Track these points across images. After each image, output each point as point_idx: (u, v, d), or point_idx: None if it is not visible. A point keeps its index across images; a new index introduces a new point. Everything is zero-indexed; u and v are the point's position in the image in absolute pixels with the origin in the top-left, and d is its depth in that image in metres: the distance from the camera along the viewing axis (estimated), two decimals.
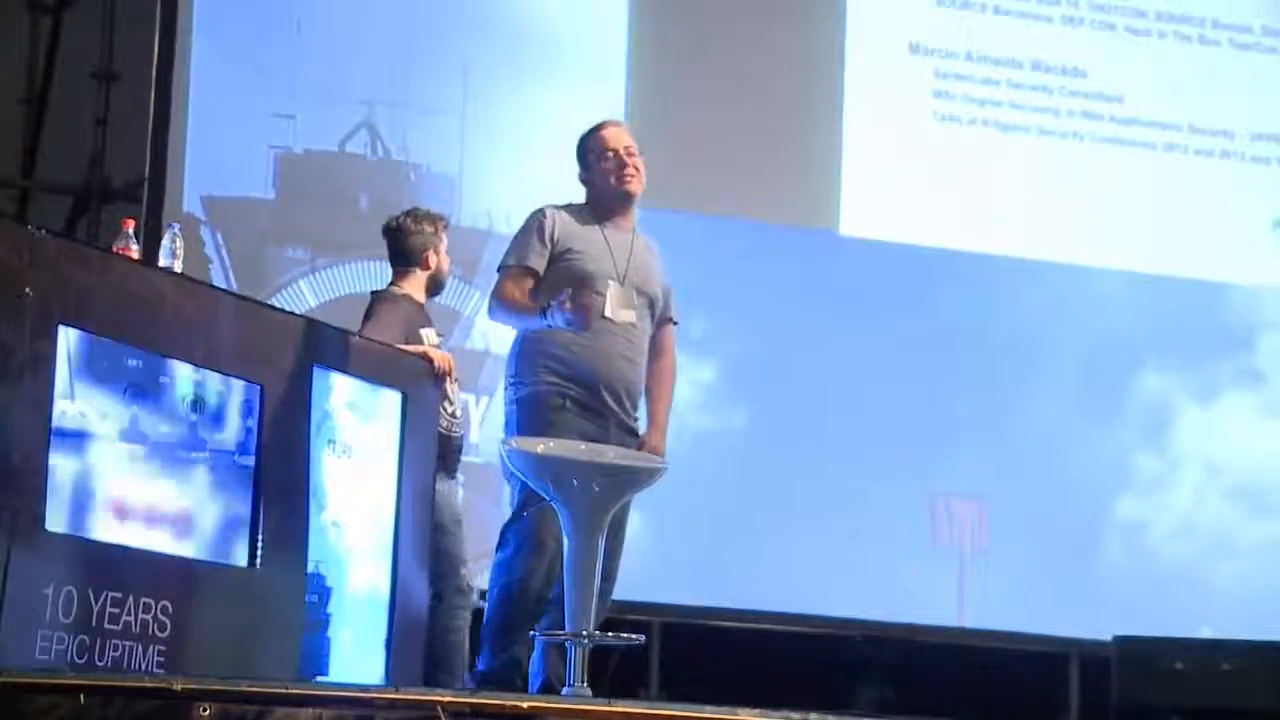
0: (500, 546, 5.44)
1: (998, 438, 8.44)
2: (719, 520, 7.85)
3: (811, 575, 8.13)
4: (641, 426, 5.58)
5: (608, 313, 5.45)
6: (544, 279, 5.47)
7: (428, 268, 6.07)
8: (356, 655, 5.28)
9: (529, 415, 5.40)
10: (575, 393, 5.40)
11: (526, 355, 5.47)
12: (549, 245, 5.49)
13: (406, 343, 5.78)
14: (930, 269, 8.47)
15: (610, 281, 5.47)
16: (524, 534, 5.35)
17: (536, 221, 5.55)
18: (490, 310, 5.64)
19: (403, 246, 6.12)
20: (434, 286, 6.10)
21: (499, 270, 5.59)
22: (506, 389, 5.53)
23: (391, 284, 6.12)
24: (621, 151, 5.61)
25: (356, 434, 5.36)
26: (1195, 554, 8.62)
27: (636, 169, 5.61)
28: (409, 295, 6.05)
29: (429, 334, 5.94)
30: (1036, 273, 8.60)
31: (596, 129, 5.71)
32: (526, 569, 5.32)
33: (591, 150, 5.65)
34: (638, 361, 5.51)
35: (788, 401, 8.18)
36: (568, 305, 5.21)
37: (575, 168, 5.70)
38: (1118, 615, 8.08)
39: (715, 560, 7.84)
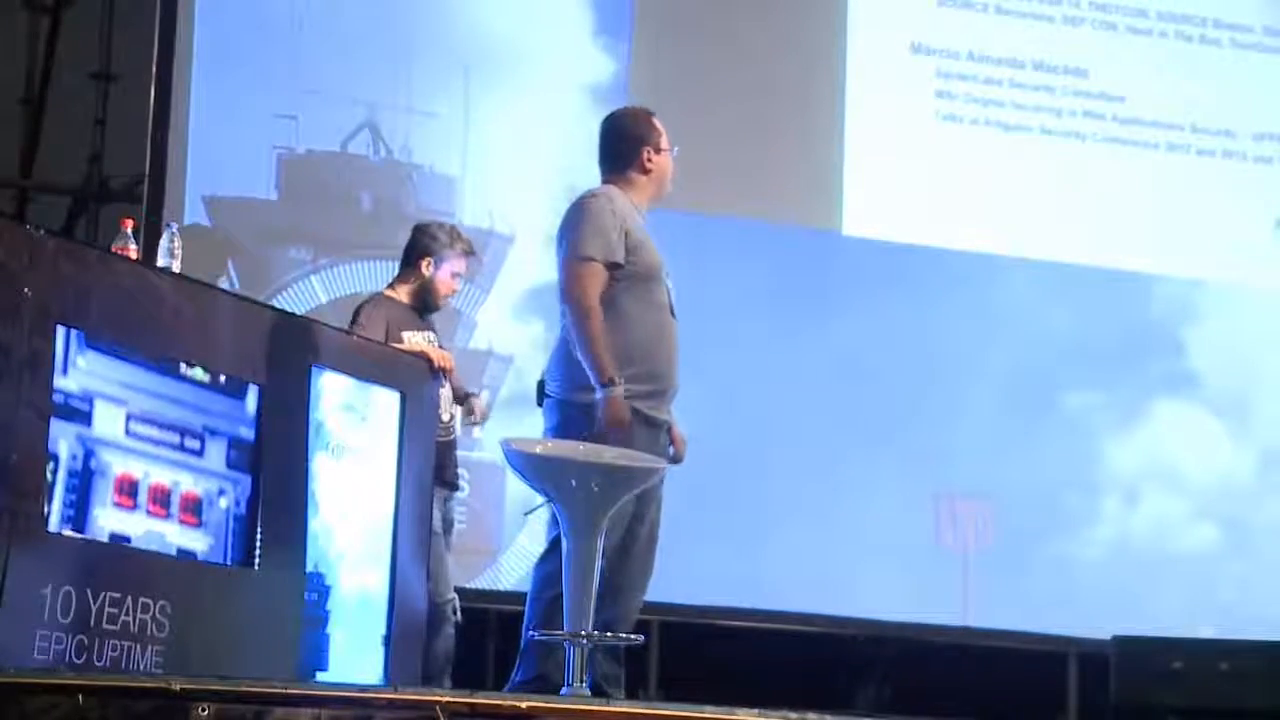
0: (545, 557, 5.25)
1: (1001, 438, 8.43)
2: (720, 519, 7.84)
3: (812, 575, 8.13)
4: None
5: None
6: (620, 273, 5.25)
7: (420, 274, 6.06)
8: (350, 658, 5.28)
9: (596, 427, 5.13)
10: (645, 402, 5.22)
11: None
12: (623, 236, 5.25)
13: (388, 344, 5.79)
14: (933, 269, 8.46)
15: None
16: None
17: (607, 210, 5.27)
18: (569, 304, 5.22)
19: (409, 247, 6.14)
20: (425, 298, 6.06)
21: (577, 259, 5.22)
22: (564, 388, 5.24)
23: (387, 286, 6.15)
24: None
25: (353, 435, 5.36)
26: (1198, 553, 8.62)
27: None
28: (395, 298, 6.05)
29: (411, 336, 5.92)
30: (1039, 272, 8.59)
31: (652, 114, 5.52)
32: None
33: (660, 134, 5.45)
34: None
35: (790, 401, 8.18)
36: (617, 423, 5.09)
37: (578, 168, 5.58)
38: (1117, 615, 8.08)
39: (715, 560, 7.83)
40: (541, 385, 5.36)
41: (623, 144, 5.48)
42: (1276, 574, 8.56)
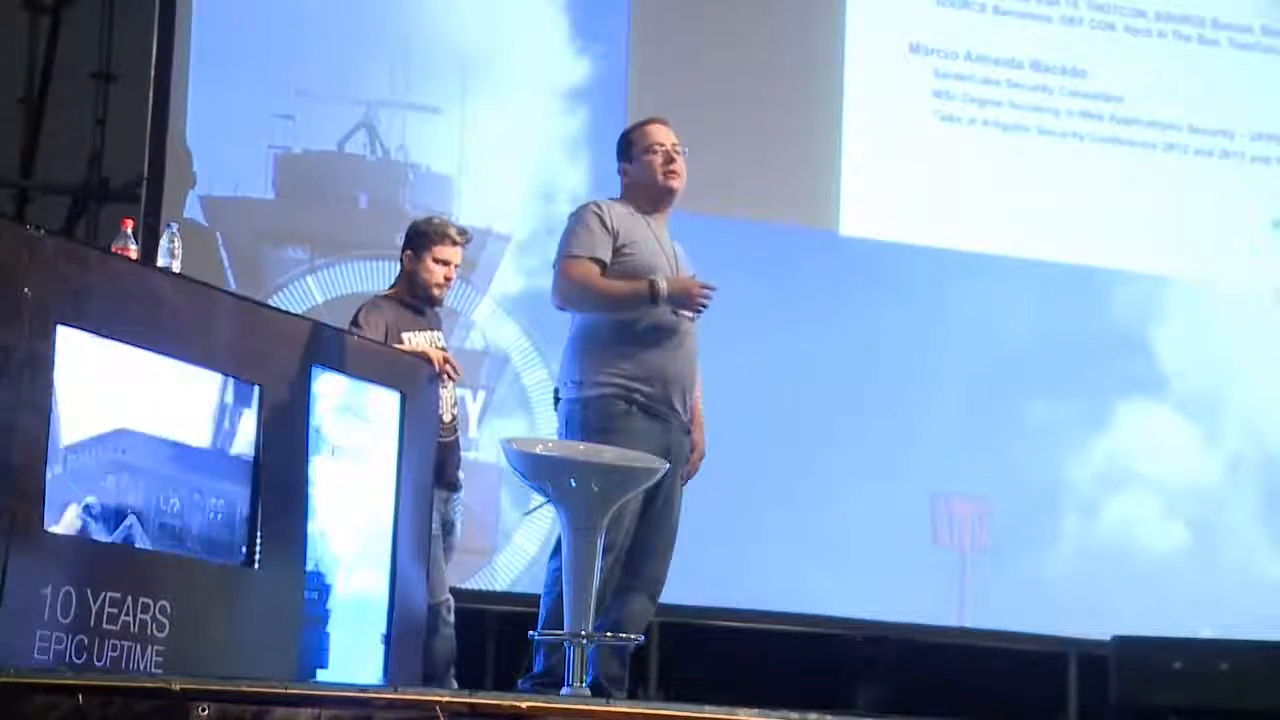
0: (555, 552, 5.28)
1: (998, 438, 8.43)
2: (719, 519, 7.82)
3: (812, 575, 8.13)
4: None
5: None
6: (609, 272, 5.39)
7: (404, 269, 6.06)
8: (350, 658, 5.28)
9: (595, 418, 5.30)
10: (643, 395, 5.33)
11: (595, 353, 5.37)
12: (611, 236, 5.41)
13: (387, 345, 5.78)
14: (930, 269, 8.46)
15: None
16: None
17: (592, 213, 5.44)
18: (566, 299, 5.43)
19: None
20: (415, 292, 6.04)
21: (562, 261, 5.42)
22: (568, 387, 5.38)
23: (388, 288, 6.15)
24: (669, 147, 5.57)
25: (352, 436, 5.36)
26: (1198, 551, 8.62)
27: (681, 168, 5.58)
28: (393, 299, 6.04)
29: (412, 337, 5.91)
30: (1036, 272, 8.60)
31: (643, 123, 5.66)
32: None
33: (636, 143, 5.59)
34: (695, 360, 5.49)
35: (787, 401, 8.17)
36: (690, 289, 5.31)
37: (575, 168, 5.69)
38: (1116, 614, 8.08)
39: (715, 560, 7.81)
40: (557, 391, 5.48)
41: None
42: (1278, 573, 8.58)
